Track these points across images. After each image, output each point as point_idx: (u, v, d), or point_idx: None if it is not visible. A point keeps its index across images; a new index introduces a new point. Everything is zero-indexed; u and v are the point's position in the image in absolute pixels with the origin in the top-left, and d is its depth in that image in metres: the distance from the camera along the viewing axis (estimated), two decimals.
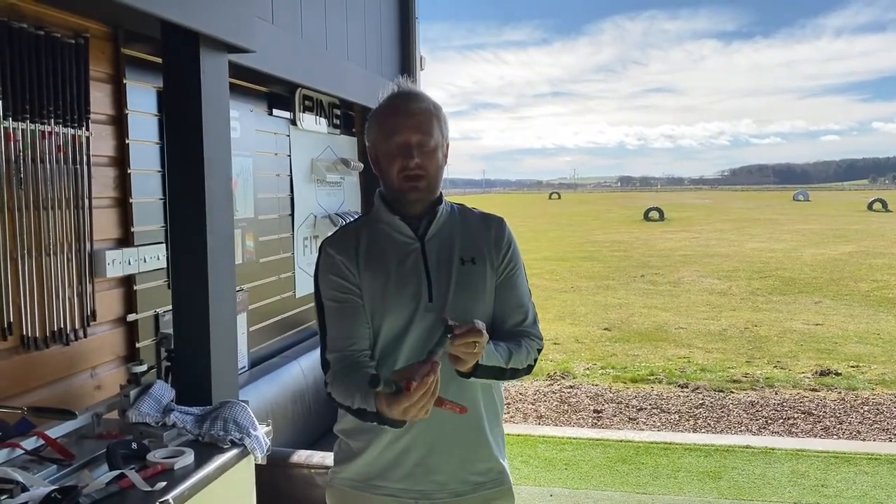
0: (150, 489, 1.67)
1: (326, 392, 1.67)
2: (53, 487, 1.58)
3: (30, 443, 1.84)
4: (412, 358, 1.60)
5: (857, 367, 6.95)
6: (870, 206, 35.63)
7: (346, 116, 4.55)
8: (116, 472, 1.70)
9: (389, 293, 1.65)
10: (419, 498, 1.69)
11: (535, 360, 1.73)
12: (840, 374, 6.67)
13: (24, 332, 2.11)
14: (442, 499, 1.70)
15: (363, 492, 1.71)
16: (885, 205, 35.00)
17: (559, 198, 69.34)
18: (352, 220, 1.89)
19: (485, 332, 1.50)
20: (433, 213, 1.71)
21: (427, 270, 1.67)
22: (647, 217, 31.60)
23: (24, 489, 1.55)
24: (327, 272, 1.69)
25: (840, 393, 6.10)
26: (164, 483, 1.71)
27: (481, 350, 1.51)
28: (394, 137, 1.64)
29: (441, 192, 1.75)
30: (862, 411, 5.60)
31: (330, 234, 1.82)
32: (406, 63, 5.14)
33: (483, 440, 1.73)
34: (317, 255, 1.76)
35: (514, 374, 1.67)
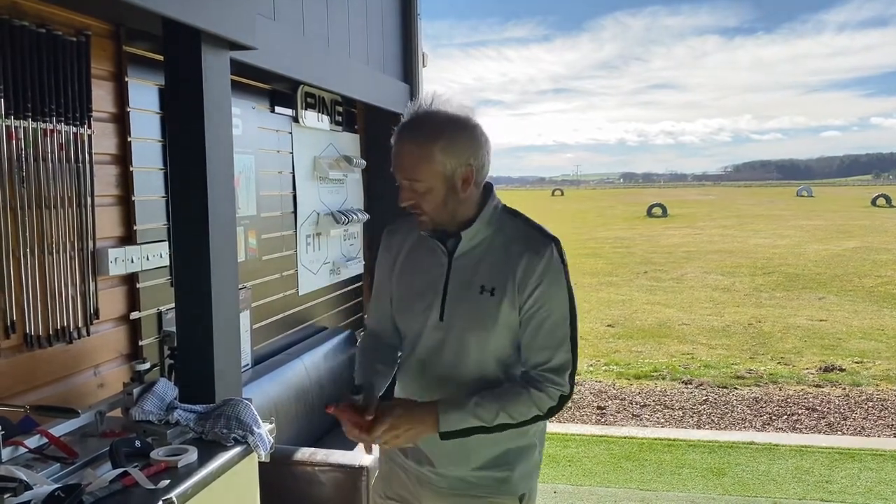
0: (153, 487, 1.66)
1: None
2: (57, 486, 1.58)
3: (33, 441, 1.84)
4: (420, 365, 1.70)
5: (862, 363, 6.94)
6: (873, 202, 35.54)
7: (348, 113, 4.54)
8: (120, 470, 1.70)
9: (406, 302, 1.72)
10: (423, 481, 1.75)
11: (551, 410, 1.63)
12: (844, 370, 6.66)
13: (27, 331, 2.11)
14: (442, 489, 1.72)
15: (390, 460, 1.85)
16: (888, 200, 34.89)
17: (562, 194, 69.28)
18: (362, 218, 1.92)
19: (404, 419, 1.56)
20: (461, 233, 1.66)
21: (445, 289, 1.66)
22: (650, 213, 31.55)
23: (28, 487, 1.55)
24: (380, 256, 1.85)
25: (844, 389, 6.09)
26: (167, 481, 1.70)
27: (407, 437, 1.58)
28: (393, 172, 1.65)
29: (486, 208, 1.66)
30: (866, 407, 5.59)
31: (394, 222, 1.87)
32: (408, 60, 5.12)
33: (490, 444, 1.68)
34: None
35: (506, 427, 1.61)
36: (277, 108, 3.74)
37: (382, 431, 1.56)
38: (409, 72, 5.10)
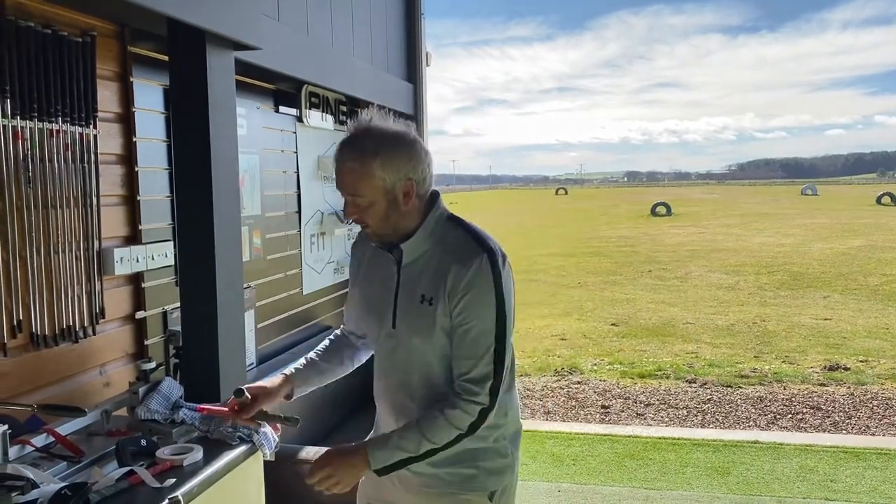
0: (159, 486, 1.67)
1: None
2: (64, 484, 1.59)
3: (40, 440, 1.85)
4: (381, 370, 1.81)
5: (866, 361, 6.92)
6: (878, 200, 35.45)
7: (352, 113, 4.55)
8: (126, 469, 1.71)
9: (365, 310, 1.81)
10: (401, 480, 1.79)
11: (472, 426, 1.65)
12: (849, 368, 6.65)
13: (34, 330, 2.12)
14: (416, 487, 1.78)
15: None
16: (893, 198, 34.80)
17: (566, 193, 69.26)
18: None
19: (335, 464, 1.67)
20: (403, 243, 1.70)
21: (396, 299, 1.72)
22: (654, 212, 31.53)
23: (35, 486, 1.56)
24: (350, 265, 1.94)
25: (849, 388, 6.08)
26: (173, 479, 1.71)
27: (346, 483, 1.67)
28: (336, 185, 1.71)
29: (425, 220, 1.69)
30: (871, 406, 5.58)
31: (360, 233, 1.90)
32: (412, 59, 5.13)
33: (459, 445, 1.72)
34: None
35: (434, 452, 1.66)
36: (282, 108, 3.75)
37: (321, 479, 1.68)
38: (412, 71, 5.11)
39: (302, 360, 1.94)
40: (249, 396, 1.81)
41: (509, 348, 1.67)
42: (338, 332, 2.02)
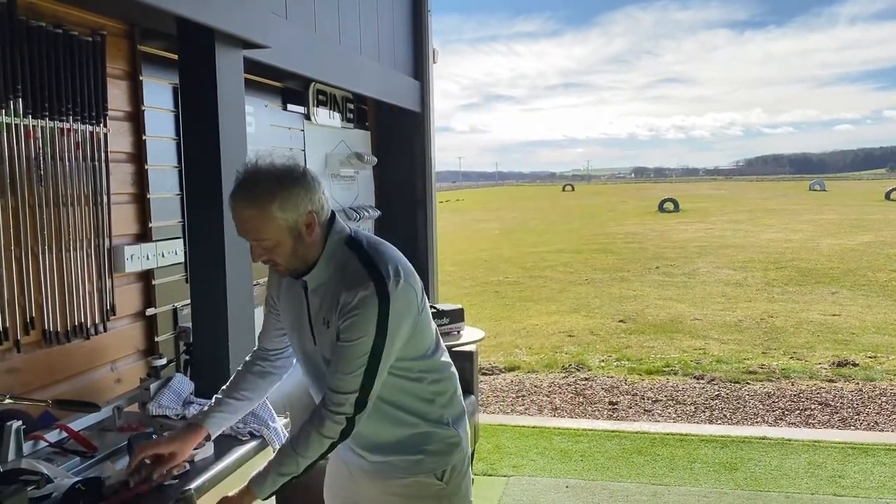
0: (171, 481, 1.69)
1: None
2: (78, 479, 1.61)
3: (53, 435, 1.87)
4: (310, 381, 1.88)
5: (875, 357, 6.90)
6: (888, 196, 35.24)
7: (359, 111, 4.57)
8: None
9: (290, 331, 1.87)
10: (359, 467, 1.89)
11: (343, 432, 1.70)
12: (857, 364, 6.63)
13: (46, 327, 2.15)
14: (371, 472, 1.87)
15: (335, 458, 1.95)
16: None
17: (573, 190, 69.12)
18: (372, 214, 1.96)
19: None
20: (308, 270, 1.74)
21: (310, 319, 1.78)
22: (661, 208, 31.43)
23: (49, 481, 1.58)
24: (267, 283, 1.94)
25: (857, 384, 6.07)
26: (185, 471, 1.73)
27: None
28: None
29: (328, 246, 1.72)
30: (880, 402, 5.57)
31: None
32: (418, 56, 5.14)
33: (384, 440, 1.83)
34: None
35: (313, 465, 1.71)
36: (290, 106, 3.77)
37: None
38: (419, 68, 5.11)
39: (211, 402, 1.89)
40: (148, 461, 1.72)
41: (385, 364, 1.70)
42: (243, 363, 1.98)
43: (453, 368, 1.93)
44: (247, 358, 1.97)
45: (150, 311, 2.64)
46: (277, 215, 1.62)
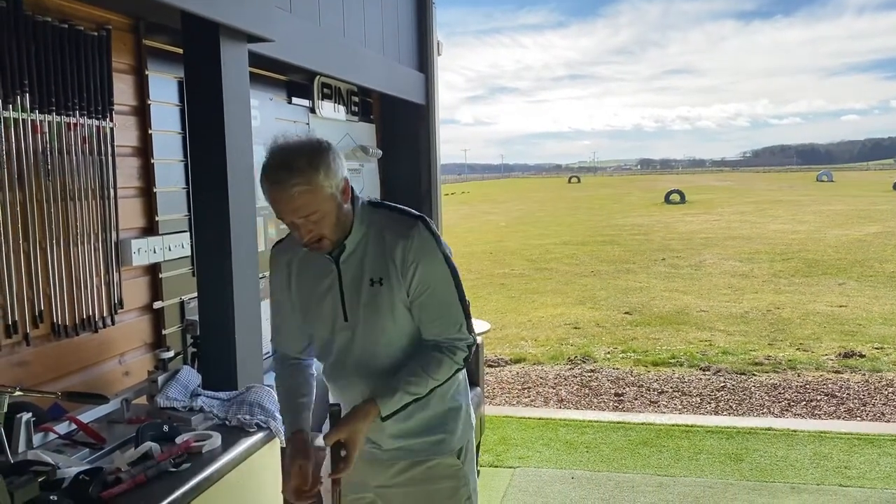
0: (175, 469, 1.71)
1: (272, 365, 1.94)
2: (81, 469, 1.62)
3: (62, 427, 1.89)
4: (337, 367, 1.81)
5: (882, 348, 6.89)
6: (895, 186, 35.08)
7: (364, 103, 4.57)
8: (144, 448, 1.76)
9: (311, 310, 1.81)
10: (371, 459, 1.85)
11: (464, 361, 1.77)
12: (864, 356, 6.62)
13: (55, 320, 2.17)
14: (382, 461, 1.84)
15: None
16: None
17: (579, 181, 68.97)
18: None
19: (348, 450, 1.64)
20: (345, 239, 1.73)
21: (342, 291, 1.75)
22: (668, 200, 31.35)
23: (57, 471, 1.60)
24: (271, 277, 1.89)
25: (864, 375, 6.06)
26: (188, 465, 1.75)
27: (362, 443, 1.68)
28: (281, 219, 1.67)
29: (356, 210, 1.73)
30: (886, 393, 5.56)
31: (280, 238, 1.91)
32: (423, 49, 5.13)
33: (416, 421, 1.80)
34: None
35: (435, 389, 1.75)
36: (294, 99, 3.77)
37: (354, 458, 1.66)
38: (423, 60, 5.11)
39: (296, 409, 1.86)
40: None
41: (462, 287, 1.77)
42: (277, 363, 1.94)
43: None
44: (277, 372, 1.91)
45: (157, 305, 2.65)
46: (325, 184, 1.63)
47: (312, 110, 3.93)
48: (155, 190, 2.65)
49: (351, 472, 1.65)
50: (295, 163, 1.61)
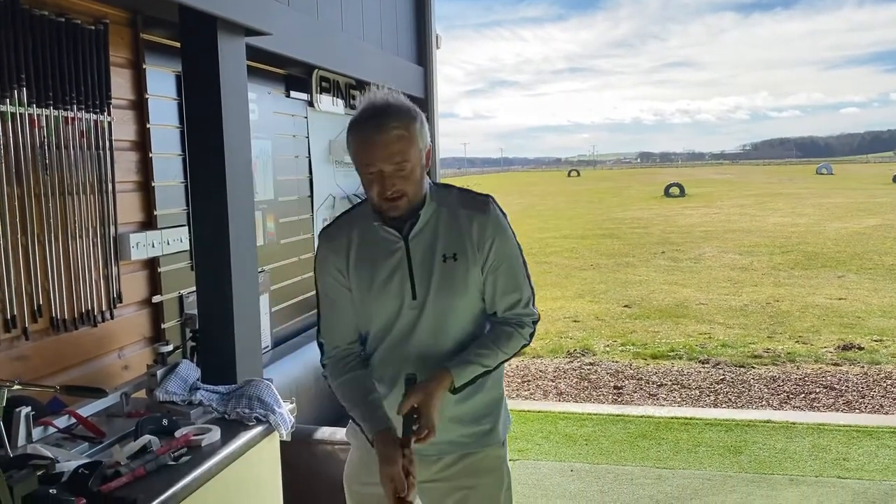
0: (174, 463, 1.72)
1: (322, 373, 1.82)
2: (80, 462, 1.63)
3: (62, 421, 1.89)
4: (394, 349, 1.75)
5: (881, 341, 6.90)
6: (894, 179, 35.07)
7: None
8: (143, 440, 1.76)
9: (375, 291, 1.73)
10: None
11: (530, 336, 1.80)
12: (863, 348, 6.63)
13: (54, 314, 2.17)
14: (430, 455, 1.76)
15: (366, 445, 1.76)
16: None
17: (578, 175, 68.90)
18: (348, 208, 1.85)
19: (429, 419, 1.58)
20: (416, 214, 1.71)
21: (410, 269, 1.71)
22: (667, 193, 31.34)
23: (55, 465, 1.60)
24: (323, 267, 1.79)
25: (863, 367, 6.07)
26: (188, 458, 1.76)
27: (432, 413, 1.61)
28: (369, 167, 1.62)
29: (427, 187, 1.72)
30: (885, 385, 5.57)
31: (328, 224, 1.85)
32: (422, 42, 5.12)
33: (470, 410, 1.78)
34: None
35: (503, 364, 1.77)
36: (293, 93, 3.77)
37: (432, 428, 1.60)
38: (422, 54, 5.10)
39: (374, 412, 1.70)
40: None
41: None
42: (331, 365, 1.80)
43: None
44: (333, 372, 1.78)
45: (156, 299, 2.66)
46: (418, 138, 1.63)
47: (311, 104, 3.93)
48: (153, 184, 2.65)
49: (425, 442, 1.58)
50: (398, 110, 1.62)
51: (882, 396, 5.33)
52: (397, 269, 1.72)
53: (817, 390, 5.52)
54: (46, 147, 2.13)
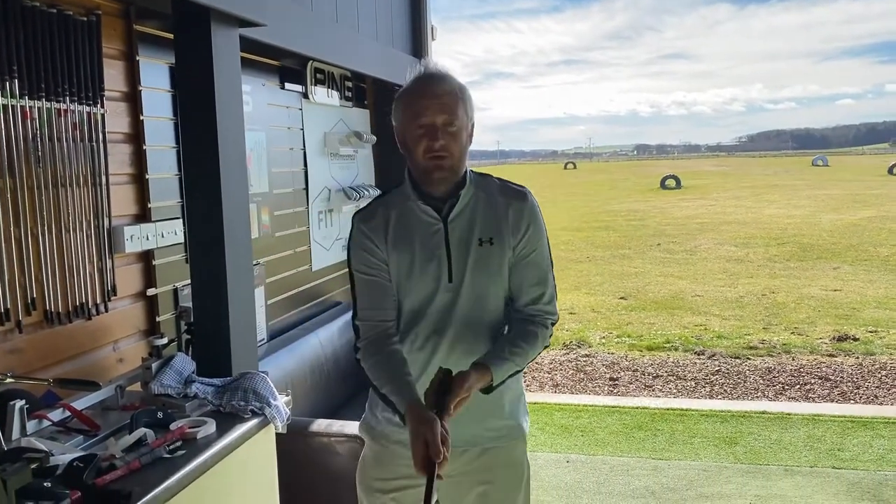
0: (169, 456, 1.72)
1: (356, 356, 1.78)
2: (74, 456, 1.62)
3: (56, 414, 1.89)
4: (428, 331, 1.74)
5: (876, 332, 6.93)
6: (890, 171, 35.11)
7: (357, 89, 4.54)
8: (138, 433, 1.76)
9: (414, 273, 1.74)
10: None
11: (550, 336, 1.80)
12: (858, 339, 6.65)
13: (48, 307, 2.16)
14: (455, 448, 1.66)
15: (390, 433, 1.80)
16: None
17: (575, 167, 68.84)
18: (372, 193, 1.89)
19: (469, 384, 1.57)
20: (457, 195, 1.74)
21: (448, 251, 1.72)
22: (663, 185, 31.35)
23: (49, 457, 1.60)
24: (359, 247, 1.78)
25: (858, 358, 6.09)
26: (183, 451, 1.76)
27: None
28: (419, 119, 1.67)
29: (467, 171, 1.76)
30: (879, 376, 5.60)
31: (362, 207, 1.86)
32: (417, 34, 5.10)
33: (498, 404, 1.79)
34: (350, 226, 1.83)
35: (530, 363, 1.79)
36: (287, 85, 3.75)
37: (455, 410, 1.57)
38: (418, 46, 5.08)
39: (406, 387, 1.65)
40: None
41: None
42: (368, 346, 1.75)
43: None
44: (370, 352, 1.73)
45: (150, 292, 2.65)
46: (466, 106, 1.70)
47: (305, 96, 3.91)
48: (147, 177, 2.63)
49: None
50: (449, 77, 1.71)
51: (877, 387, 5.35)
52: (435, 251, 1.73)
53: (812, 381, 5.54)
54: (39, 139, 2.11)
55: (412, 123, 1.69)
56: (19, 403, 1.76)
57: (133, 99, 2.58)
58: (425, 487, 1.46)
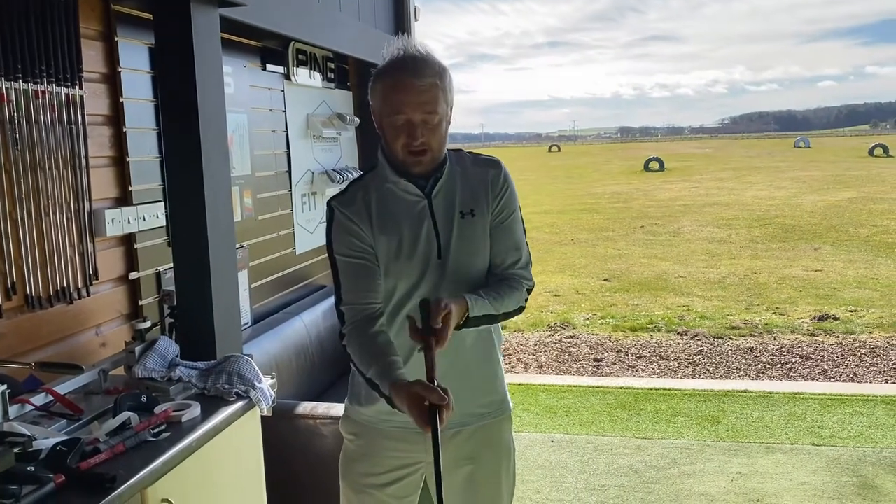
0: (154, 439, 1.71)
1: (342, 343, 1.72)
2: (58, 440, 1.62)
3: (39, 399, 1.88)
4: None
5: (856, 311, 7.01)
6: (871, 152, 35.41)
7: (340, 70, 4.51)
8: (122, 417, 1.75)
9: (403, 254, 1.70)
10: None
11: (526, 301, 1.80)
12: (838, 318, 6.74)
13: (28, 292, 2.14)
14: (448, 429, 1.70)
15: (375, 425, 1.79)
16: (886, 150, 34.75)
17: (559, 150, 68.85)
18: (355, 176, 1.84)
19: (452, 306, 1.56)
20: (439, 171, 1.71)
21: (436, 228, 1.71)
22: (647, 168, 31.44)
23: (33, 442, 1.59)
24: (343, 230, 1.71)
25: (838, 337, 6.17)
26: (168, 434, 1.75)
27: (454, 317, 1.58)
28: (397, 116, 1.61)
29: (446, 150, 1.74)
30: (859, 354, 5.67)
31: (338, 192, 1.80)
32: (400, 14, 5.07)
33: (489, 376, 1.82)
34: (326, 211, 1.76)
35: (506, 316, 1.75)
36: (269, 66, 3.72)
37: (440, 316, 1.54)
38: (400, 26, 5.05)
39: (392, 366, 1.60)
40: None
41: None
42: (353, 330, 1.69)
43: None
44: (355, 336, 1.68)
45: (133, 275, 2.63)
46: (447, 91, 1.65)
47: (287, 77, 3.88)
48: (128, 159, 2.60)
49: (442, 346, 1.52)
50: (430, 61, 1.63)
51: (856, 365, 5.43)
52: (422, 229, 1.70)
53: (793, 360, 5.61)
54: (17, 122, 2.08)
55: (391, 116, 1.63)
56: (1, 388, 1.74)
57: (112, 80, 2.55)
58: (431, 439, 1.44)
